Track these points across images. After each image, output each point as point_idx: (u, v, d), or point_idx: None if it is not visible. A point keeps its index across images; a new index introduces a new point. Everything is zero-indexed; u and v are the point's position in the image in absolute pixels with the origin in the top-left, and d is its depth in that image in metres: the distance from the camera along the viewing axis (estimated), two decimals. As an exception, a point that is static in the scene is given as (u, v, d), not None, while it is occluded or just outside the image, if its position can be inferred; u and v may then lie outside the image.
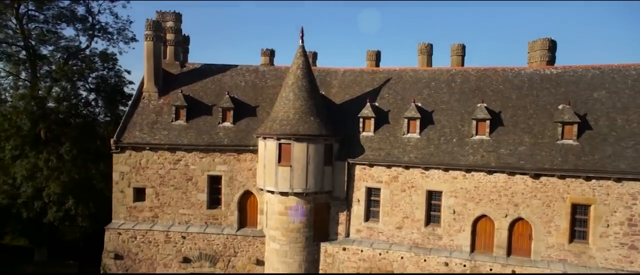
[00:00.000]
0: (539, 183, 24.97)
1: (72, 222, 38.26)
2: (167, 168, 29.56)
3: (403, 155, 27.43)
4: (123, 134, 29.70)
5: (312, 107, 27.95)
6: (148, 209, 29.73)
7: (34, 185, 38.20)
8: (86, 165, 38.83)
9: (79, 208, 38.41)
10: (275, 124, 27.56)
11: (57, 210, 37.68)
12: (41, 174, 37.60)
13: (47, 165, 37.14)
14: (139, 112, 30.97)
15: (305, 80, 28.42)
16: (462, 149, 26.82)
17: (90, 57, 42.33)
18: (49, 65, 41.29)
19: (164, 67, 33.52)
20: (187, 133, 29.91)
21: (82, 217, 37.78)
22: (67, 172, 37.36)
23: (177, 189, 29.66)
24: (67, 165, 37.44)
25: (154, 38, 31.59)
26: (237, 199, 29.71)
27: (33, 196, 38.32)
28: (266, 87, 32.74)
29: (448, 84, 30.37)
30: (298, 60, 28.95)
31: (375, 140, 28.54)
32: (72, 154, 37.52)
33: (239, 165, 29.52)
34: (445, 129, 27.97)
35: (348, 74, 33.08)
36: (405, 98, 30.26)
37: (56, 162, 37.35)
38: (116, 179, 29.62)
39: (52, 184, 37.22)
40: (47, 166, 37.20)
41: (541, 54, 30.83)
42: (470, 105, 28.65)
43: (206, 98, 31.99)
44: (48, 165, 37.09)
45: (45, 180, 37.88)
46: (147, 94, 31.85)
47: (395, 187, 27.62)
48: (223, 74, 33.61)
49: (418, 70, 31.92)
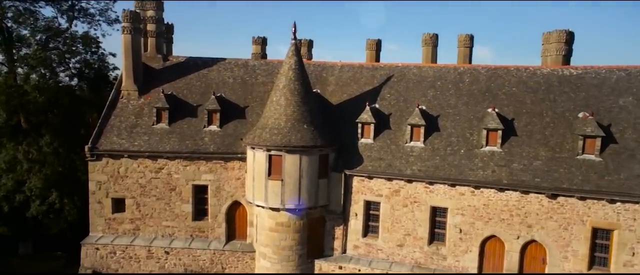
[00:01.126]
0: (556, 203, 22.20)
1: (58, 214, 36.03)
2: (148, 177, 26.72)
3: (405, 168, 24.54)
4: (99, 140, 26.71)
5: (306, 114, 24.88)
6: (128, 220, 27.06)
7: (14, 178, 35.81)
8: (70, 156, 36.29)
9: (63, 201, 36.21)
10: (264, 133, 24.54)
11: (40, 203, 35.40)
12: (21, 167, 35.24)
13: (27, 157, 34.64)
14: (117, 114, 27.88)
15: (297, 83, 25.22)
16: (470, 161, 23.91)
17: (71, 40, 39.12)
18: (28, 47, 38.19)
19: (145, 61, 30.24)
20: (170, 138, 26.91)
21: (67, 211, 35.63)
22: (49, 165, 35.01)
23: (160, 200, 26.89)
24: (49, 158, 35.01)
25: (132, 30, 28.17)
26: (225, 210, 27.01)
27: (13, 189, 36.02)
28: (256, 85, 29.54)
29: (455, 84, 27.18)
30: (290, 59, 25.67)
31: (375, 149, 25.60)
32: (53, 147, 34.94)
33: (226, 174, 26.67)
34: (452, 138, 24.98)
35: (346, 70, 29.82)
36: (409, 99, 27.14)
37: (36, 154, 34.90)
38: (93, 189, 26.81)
39: (34, 178, 34.78)
40: (26, 159, 34.72)
41: (557, 47, 27.59)
42: (480, 109, 25.58)
43: (191, 97, 28.85)
44: (28, 158, 34.61)
45: (26, 173, 35.49)
46: (126, 92, 28.68)
47: (397, 202, 24.86)
48: (209, 69, 30.33)
49: (422, 68, 28.65)
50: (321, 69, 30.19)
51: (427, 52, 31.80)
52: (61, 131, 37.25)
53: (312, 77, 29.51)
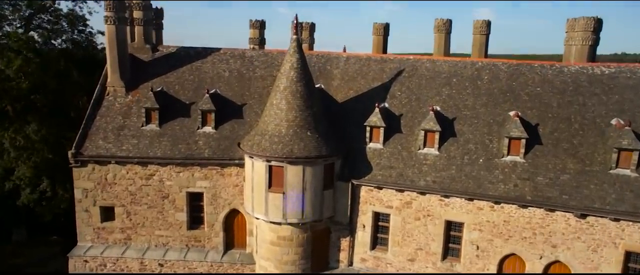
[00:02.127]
0: (585, 223, 19.88)
1: (50, 202, 34.05)
2: (138, 184, 24.25)
3: (418, 178, 22.09)
4: (83, 143, 24.06)
5: (309, 119, 22.18)
6: (119, 230, 24.80)
7: (2, 165, 33.81)
8: (60, 142, 33.99)
9: (55, 189, 34.23)
10: (264, 141, 21.92)
11: (31, 192, 33.47)
12: (8, 155, 33.09)
13: (14, 145, 32.43)
14: (103, 114, 25.11)
15: (300, 84, 22.39)
16: (490, 173, 21.43)
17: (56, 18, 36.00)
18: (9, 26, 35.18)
19: (132, 52, 27.26)
20: (160, 142, 24.28)
21: (60, 198, 33.67)
22: (38, 153, 32.89)
23: (152, 208, 24.53)
24: (37, 146, 32.82)
25: (116, 20, 25.04)
26: (222, 219, 24.72)
27: (2, 177, 33.99)
28: (255, 79, 26.66)
29: (473, 81, 24.36)
30: (291, 57, 22.73)
31: (385, 155, 23.05)
32: (41, 134, 32.62)
33: (223, 181, 24.22)
34: (469, 145, 22.40)
35: (352, 62, 26.87)
36: (421, 98, 24.39)
37: (24, 142, 32.65)
38: (79, 197, 24.37)
39: (22, 166, 32.72)
40: (13, 147, 32.51)
41: (583, 36, 24.73)
42: (500, 112, 22.90)
43: (183, 93, 26.02)
44: (15, 145, 32.39)
45: (14, 161, 33.34)
46: (112, 89, 25.82)
47: (408, 214, 22.55)
48: (203, 61, 27.36)
49: (436, 61, 25.72)
50: (325, 61, 27.25)
51: (439, 40, 28.80)
52: (49, 117, 34.89)
53: (315, 69, 26.66)
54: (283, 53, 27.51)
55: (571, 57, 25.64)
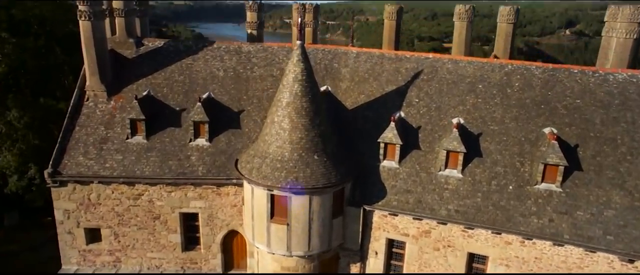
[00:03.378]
0: (632, 268, 17.16)
1: (39, 187, 31.58)
2: (125, 204, 21.33)
3: (440, 206, 19.14)
4: (62, 160, 20.89)
5: (316, 140, 18.92)
6: (107, 252, 22.14)
7: None
8: (47, 127, 31.03)
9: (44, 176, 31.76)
10: (264, 166, 18.77)
11: (18, 179, 30.90)
12: None
13: None
14: (83, 124, 21.77)
15: (305, 100, 18.94)
16: (521, 203, 18.46)
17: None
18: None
19: (114, 47, 23.54)
20: (148, 157, 21.11)
21: None
22: (23, 139, 30.07)
23: (142, 229, 21.76)
24: (21, 132, 29.98)
25: (92, 15, 21.16)
26: (220, 240, 22.03)
27: None
28: (252, 79, 23.09)
29: (502, 88, 20.87)
30: (295, 67, 19.13)
31: (401, 177, 19.98)
32: (24, 121, 29.64)
33: (219, 201, 21.30)
34: (497, 167, 19.28)
35: (363, 59, 23.20)
36: (442, 108, 21.00)
37: (6, 129, 29.79)
38: (60, 218, 21.50)
39: (7, 154, 29.94)
40: None
41: (628, 28, 21.10)
42: (533, 128, 19.63)
43: (172, 97, 22.56)
44: None
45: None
46: (92, 93, 22.33)
47: (426, 244, 19.81)
48: (194, 58, 23.66)
49: (459, 62, 22.08)
50: (332, 57, 23.57)
51: (460, 29, 25.00)
52: (32, 101, 31.74)
53: (321, 67, 23.09)
54: (283, 48, 23.87)
55: (610, 51, 21.97)
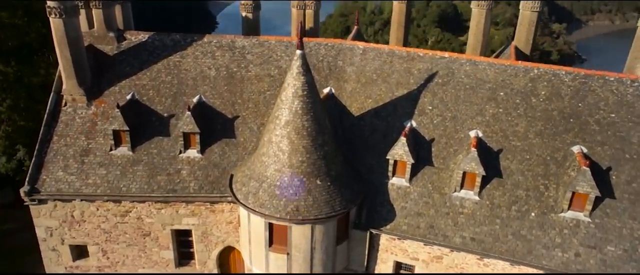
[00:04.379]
0: (663, 311, 15.49)
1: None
2: (112, 222, 19.38)
3: (454, 233, 17.17)
4: (39, 176, 18.70)
5: (319, 163, 16.65)
6: (95, 268, 20.44)
7: None
8: (34, 108, 28.88)
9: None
10: (261, 191, 16.61)
11: (7, 161, 29.30)
12: None
13: None
14: (61, 133, 19.38)
15: (307, 118, 16.48)
16: (544, 233, 16.49)
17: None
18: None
19: (93, 42, 20.71)
20: (135, 172, 18.90)
21: None
22: (8, 121, 28.29)
23: (132, 246, 19.95)
24: (5, 114, 28.14)
25: (63, 12, 18.19)
26: (216, 256, 20.28)
27: None
28: (248, 80, 20.46)
29: (526, 97, 18.35)
30: (295, 80, 16.50)
31: (412, 197, 17.88)
32: (7, 103, 27.65)
33: (214, 218, 19.34)
34: (519, 190, 17.14)
35: (371, 57, 20.46)
36: (459, 118, 18.57)
37: None
38: (42, 236, 19.60)
39: None
40: None
41: None
42: (560, 145, 17.33)
43: (159, 102, 20.03)
44: None
45: None
46: (70, 98, 19.77)
47: (438, 269, 18.02)
48: (182, 54, 20.87)
49: (479, 64, 19.37)
50: (336, 53, 20.80)
51: (479, 17, 22.06)
52: (15, 83, 29.31)
53: (324, 65, 20.45)
54: (282, 43, 21.08)
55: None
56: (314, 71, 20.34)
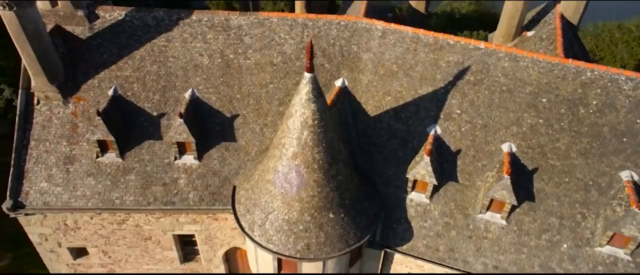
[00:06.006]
0: None
1: None
2: (109, 229, 17.55)
3: (475, 259, 15.45)
4: (21, 188, 16.35)
5: (332, 195, 14.23)
6: (98, 265, 19.15)
7: None
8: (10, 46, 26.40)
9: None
10: (267, 224, 14.48)
11: None
12: None
13: None
14: (39, 137, 16.56)
15: (318, 150, 13.63)
16: (575, 267, 14.75)
17: None
18: None
19: (60, 23, 16.77)
20: (127, 181, 16.52)
21: None
22: None
23: (133, 248, 18.40)
24: None
25: (13, 3, 14.13)
26: (222, 255, 18.84)
27: None
28: (247, 70, 16.99)
29: (574, 106, 15.22)
30: (305, 108, 13.25)
31: (432, 216, 15.81)
32: None
33: (217, 225, 17.49)
34: (552, 218, 15.01)
35: (391, 41, 16.72)
36: (491, 126, 15.67)
37: None
38: (37, 241, 17.92)
39: None
40: None
41: None
42: (607, 169, 14.81)
43: (146, 97, 16.83)
44: None
45: None
46: (43, 95, 16.53)
47: (454, 286, 16.70)
48: (168, 36, 17.03)
49: (521, 59, 15.77)
50: (350, 35, 16.99)
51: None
52: None
53: (336, 49, 16.92)
54: (285, 21, 17.20)
55: None
56: (324, 58, 16.90)
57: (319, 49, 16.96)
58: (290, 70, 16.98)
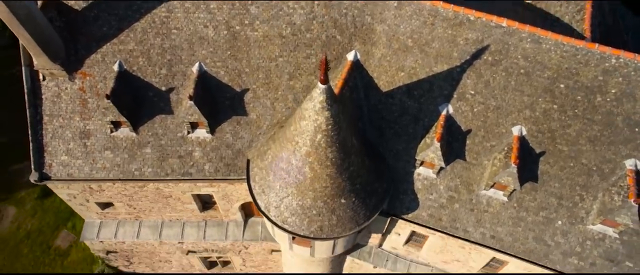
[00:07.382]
0: (654, 312, 15.97)
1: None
2: (131, 191, 18.12)
3: (474, 229, 16.27)
4: (43, 160, 16.51)
5: (345, 184, 14.46)
6: (125, 213, 20.13)
7: None
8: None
9: None
10: (282, 206, 14.96)
11: None
12: None
13: None
14: (51, 113, 16.19)
15: (331, 150, 13.45)
16: (566, 240, 15.62)
17: None
18: None
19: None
20: (144, 154, 16.61)
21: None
22: None
23: (155, 203, 19.18)
24: None
25: (1, -13, 12.73)
26: (239, 206, 19.69)
27: None
28: (255, 42, 15.87)
29: (590, 94, 14.59)
30: (318, 116, 12.71)
31: (438, 190, 16.23)
32: None
33: (232, 187, 18.02)
34: (551, 198, 15.41)
35: (407, 13, 15.35)
36: (503, 109, 15.24)
37: None
38: (67, 198, 18.63)
39: None
40: None
41: None
42: (613, 157, 14.87)
43: (152, 71, 16.04)
44: None
45: None
46: (48, 72, 15.68)
47: (452, 243, 17.78)
48: (169, 6, 15.55)
49: (544, 41, 14.59)
50: (363, 4, 15.45)
51: None
52: None
53: (348, 20, 15.77)
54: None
55: None
56: (335, 29, 15.71)
57: (330, 19, 15.61)
58: (300, 42, 15.86)
